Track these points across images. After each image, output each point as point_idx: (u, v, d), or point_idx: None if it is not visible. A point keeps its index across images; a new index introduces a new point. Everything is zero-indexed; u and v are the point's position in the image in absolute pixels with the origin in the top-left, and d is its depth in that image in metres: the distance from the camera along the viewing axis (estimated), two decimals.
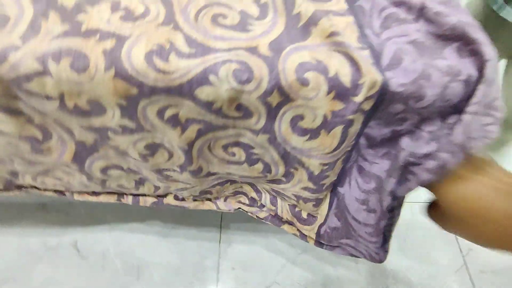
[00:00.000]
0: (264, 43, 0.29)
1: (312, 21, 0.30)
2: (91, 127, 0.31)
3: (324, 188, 0.37)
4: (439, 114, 0.30)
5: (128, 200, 0.49)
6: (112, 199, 0.49)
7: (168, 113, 0.29)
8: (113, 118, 0.30)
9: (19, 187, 0.49)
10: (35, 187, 0.49)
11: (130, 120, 0.30)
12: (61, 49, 0.27)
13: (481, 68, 0.27)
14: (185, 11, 0.31)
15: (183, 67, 0.27)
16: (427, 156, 0.29)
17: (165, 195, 0.48)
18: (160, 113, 0.29)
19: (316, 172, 0.33)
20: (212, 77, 0.27)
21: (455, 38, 0.29)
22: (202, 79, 0.27)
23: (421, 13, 0.31)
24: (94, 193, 0.49)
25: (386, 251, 0.39)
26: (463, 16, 0.31)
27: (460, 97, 0.28)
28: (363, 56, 0.28)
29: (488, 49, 0.28)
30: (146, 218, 0.81)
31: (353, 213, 0.37)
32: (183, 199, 0.47)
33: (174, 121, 0.30)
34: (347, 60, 0.28)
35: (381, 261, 0.39)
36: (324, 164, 0.32)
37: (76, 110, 0.29)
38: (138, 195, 0.48)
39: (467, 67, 0.28)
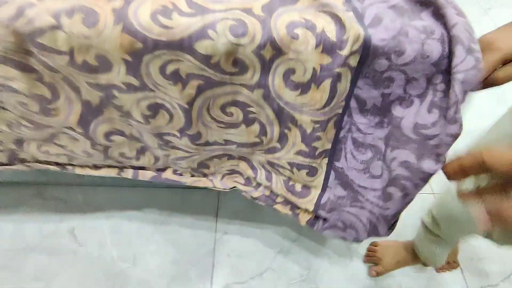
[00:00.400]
0: (258, 6, 0.32)
1: None
2: (98, 85, 0.34)
3: (316, 153, 0.39)
4: (423, 75, 0.33)
5: (128, 173, 0.51)
6: (113, 172, 0.51)
7: (170, 68, 0.32)
8: (118, 74, 0.33)
9: (22, 161, 0.51)
10: (38, 161, 0.51)
11: (134, 77, 0.33)
12: (73, 6, 0.30)
13: (449, 28, 0.31)
14: None
15: (184, 23, 0.30)
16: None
17: (164, 169, 0.50)
18: (162, 69, 0.32)
19: (308, 131, 0.36)
20: (210, 32, 0.30)
21: (430, 3, 0.33)
22: (201, 34, 0.30)
23: None
24: (96, 167, 0.51)
25: (390, 228, 0.41)
26: None
27: (439, 54, 0.32)
28: (348, 16, 0.31)
29: (453, 12, 0.31)
30: (143, 206, 0.83)
31: (357, 181, 0.39)
32: (181, 174, 0.49)
33: (175, 76, 0.33)
34: (333, 19, 0.31)
35: (381, 234, 0.41)
36: (315, 122, 0.35)
37: (85, 65, 0.32)
38: (138, 168, 0.50)
39: (441, 28, 0.32)
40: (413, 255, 0.69)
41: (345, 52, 0.30)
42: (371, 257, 0.74)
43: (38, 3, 0.30)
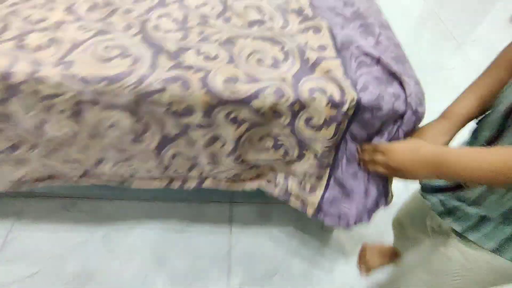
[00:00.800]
0: (289, 76, 0.53)
1: (316, 63, 0.55)
2: (179, 124, 0.53)
3: (323, 166, 0.60)
4: (392, 120, 0.54)
5: (175, 185, 0.69)
6: (164, 184, 0.69)
7: (231, 115, 0.52)
8: (196, 118, 0.52)
9: (91, 177, 0.68)
10: (101, 177, 0.68)
11: (207, 119, 0.53)
12: (173, 76, 0.50)
13: (407, 96, 0.53)
14: (240, 56, 0.55)
15: (244, 89, 0.50)
16: None
17: (204, 179, 0.68)
18: (226, 116, 0.52)
19: (319, 153, 0.57)
20: (261, 95, 0.50)
21: (398, 77, 0.55)
22: (255, 96, 0.50)
23: (378, 61, 0.57)
24: (149, 180, 0.69)
25: (369, 217, 0.62)
26: (402, 66, 0.57)
27: (403, 110, 0.53)
28: (347, 84, 0.52)
29: (412, 83, 0.53)
30: (163, 218, 0.99)
31: (348, 185, 0.60)
32: (219, 181, 0.68)
33: (234, 120, 0.53)
34: (337, 86, 0.52)
35: (364, 221, 0.62)
36: (325, 147, 0.56)
37: (175, 112, 0.51)
38: (184, 181, 0.68)
39: (404, 94, 0.54)
40: (395, 255, 0.89)
41: (345, 108, 0.51)
42: (361, 259, 0.94)
43: (150, 74, 0.49)
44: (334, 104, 0.51)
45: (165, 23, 0.57)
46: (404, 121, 0.52)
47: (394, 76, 0.55)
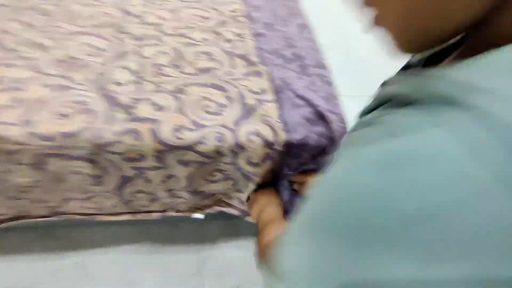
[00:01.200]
0: (229, 121, 0.62)
1: (254, 108, 0.64)
2: (135, 167, 0.61)
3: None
4: (317, 152, 0.65)
5: (138, 217, 0.76)
6: (128, 217, 0.75)
7: (181, 158, 0.60)
8: (149, 162, 0.60)
9: (59, 214, 0.74)
10: (68, 213, 0.74)
11: (159, 163, 0.60)
12: (125, 130, 0.57)
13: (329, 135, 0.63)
14: (187, 104, 0.63)
15: (190, 136, 0.59)
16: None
17: (166, 210, 0.76)
18: (176, 158, 0.60)
19: (259, 182, 0.66)
20: (205, 140, 0.59)
21: (327, 121, 0.65)
22: (200, 142, 0.59)
23: (308, 104, 0.67)
24: (115, 214, 0.75)
25: None
26: (331, 104, 0.67)
27: (326, 145, 0.63)
28: (279, 126, 0.62)
29: (333, 124, 0.63)
30: (137, 240, 1.05)
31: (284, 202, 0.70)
32: (179, 211, 0.76)
33: (184, 162, 0.61)
34: (271, 128, 0.62)
35: None
36: (265, 178, 0.65)
37: (130, 158, 0.59)
38: (147, 212, 0.76)
39: (330, 132, 0.64)
40: None
41: (277, 147, 0.61)
42: None
43: (106, 126, 0.57)
44: (269, 144, 0.61)
45: (121, 76, 0.64)
46: (327, 154, 0.62)
47: (321, 116, 0.65)
